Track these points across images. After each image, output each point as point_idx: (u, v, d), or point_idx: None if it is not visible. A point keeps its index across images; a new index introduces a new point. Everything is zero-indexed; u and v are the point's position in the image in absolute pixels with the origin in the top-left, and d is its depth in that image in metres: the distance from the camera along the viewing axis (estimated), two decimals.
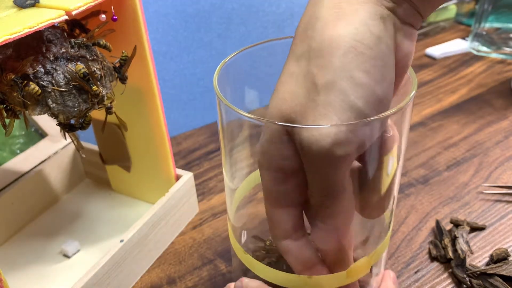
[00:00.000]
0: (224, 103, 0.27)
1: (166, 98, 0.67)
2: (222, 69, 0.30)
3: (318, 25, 0.25)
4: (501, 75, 0.73)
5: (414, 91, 0.27)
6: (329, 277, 0.29)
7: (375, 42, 0.24)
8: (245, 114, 0.26)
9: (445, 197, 0.51)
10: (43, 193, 0.52)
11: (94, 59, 0.36)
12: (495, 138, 0.59)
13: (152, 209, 0.44)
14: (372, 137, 0.25)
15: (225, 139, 0.30)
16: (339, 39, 0.24)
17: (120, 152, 0.49)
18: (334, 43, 0.24)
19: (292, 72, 0.26)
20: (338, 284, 0.30)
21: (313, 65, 0.25)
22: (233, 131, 0.29)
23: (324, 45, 0.24)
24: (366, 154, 0.27)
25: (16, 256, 0.46)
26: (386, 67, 0.25)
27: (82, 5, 0.34)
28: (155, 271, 0.45)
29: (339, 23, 0.24)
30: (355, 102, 0.24)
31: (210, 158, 0.60)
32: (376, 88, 0.24)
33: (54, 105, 0.34)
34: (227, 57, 0.31)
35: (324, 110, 0.24)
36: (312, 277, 0.29)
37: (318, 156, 0.24)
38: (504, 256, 0.42)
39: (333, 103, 0.24)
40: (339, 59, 0.24)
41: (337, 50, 0.24)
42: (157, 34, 0.66)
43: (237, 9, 0.71)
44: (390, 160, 0.28)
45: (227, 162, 0.32)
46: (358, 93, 0.24)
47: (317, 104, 0.24)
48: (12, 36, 0.30)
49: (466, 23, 0.89)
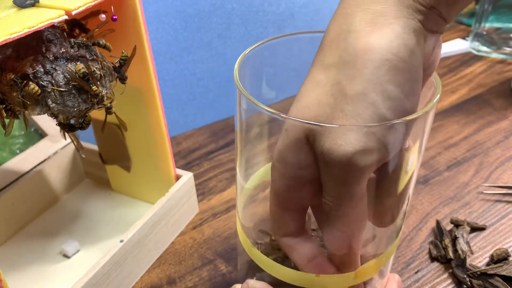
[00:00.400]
0: (246, 96, 0.27)
1: (166, 98, 0.67)
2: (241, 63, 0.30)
3: (352, 38, 0.25)
4: (501, 75, 0.73)
5: (439, 95, 0.27)
6: (337, 277, 0.29)
7: (409, 55, 0.24)
8: (267, 109, 0.26)
9: (445, 197, 0.51)
10: (43, 193, 0.52)
11: (94, 59, 0.36)
12: (495, 138, 0.59)
13: (152, 209, 0.44)
14: (395, 145, 0.25)
15: (242, 134, 0.30)
16: (373, 51, 0.24)
17: (120, 152, 0.49)
18: (368, 55, 0.24)
19: (318, 81, 0.26)
20: (345, 285, 0.30)
21: (343, 75, 0.24)
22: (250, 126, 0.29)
23: (357, 56, 0.24)
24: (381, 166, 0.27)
25: (16, 256, 0.46)
26: (416, 82, 0.25)
27: (82, 5, 0.34)
28: (155, 271, 0.45)
29: (373, 36, 0.24)
30: (385, 114, 0.24)
31: (210, 158, 0.60)
32: (405, 101, 0.24)
33: (54, 105, 0.34)
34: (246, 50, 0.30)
35: (352, 120, 0.24)
36: (319, 276, 0.29)
37: (339, 163, 0.24)
38: (505, 256, 0.42)
39: (363, 114, 0.24)
40: (371, 71, 0.24)
41: (371, 62, 0.24)
42: (157, 34, 0.66)
43: (237, 9, 0.71)
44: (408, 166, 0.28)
45: (242, 158, 0.31)
46: (388, 105, 0.24)
47: (345, 114, 0.24)
48: (12, 36, 0.30)
49: (466, 23, 0.89)
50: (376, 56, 0.24)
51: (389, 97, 0.24)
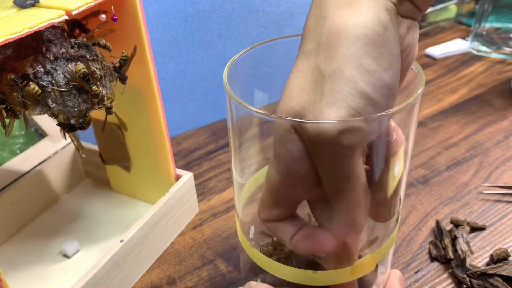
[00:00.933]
0: (234, 99, 0.28)
1: (166, 98, 0.67)
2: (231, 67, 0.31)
3: (327, 22, 0.25)
4: (501, 75, 0.73)
5: (422, 87, 0.27)
6: (334, 272, 0.29)
7: (382, 30, 0.24)
8: (254, 110, 0.26)
9: (445, 197, 0.51)
10: (43, 193, 0.52)
11: (94, 59, 0.36)
12: (495, 138, 0.59)
13: (152, 209, 0.44)
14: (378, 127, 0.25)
15: (234, 135, 0.30)
16: (347, 29, 0.24)
17: (120, 152, 0.49)
18: (343, 33, 0.24)
19: (300, 69, 0.26)
20: (342, 280, 0.30)
21: (322, 58, 0.25)
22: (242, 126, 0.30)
23: (332, 37, 0.25)
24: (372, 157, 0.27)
25: (16, 256, 0.46)
26: (392, 56, 0.25)
27: (82, 5, 0.34)
28: (155, 271, 0.45)
29: (347, 15, 0.25)
30: (364, 88, 0.24)
31: (210, 158, 0.60)
32: (384, 75, 0.24)
33: (54, 105, 0.34)
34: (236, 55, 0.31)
35: (332, 99, 0.24)
36: (317, 272, 0.29)
37: (326, 146, 0.24)
38: (504, 256, 0.42)
39: (341, 91, 0.24)
40: (347, 47, 0.24)
41: (346, 39, 0.24)
42: (157, 34, 0.66)
43: (237, 9, 0.71)
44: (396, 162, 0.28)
45: (237, 158, 0.32)
46: (367, 79, 0.24)
47: (325, 95, 0.24)
48: (12, 36, 0.30)
49: (466, 23, 0.89)
50: (350, 32, 0.24)
51: (366, 71, 0.24)
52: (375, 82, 0.24)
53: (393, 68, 0.25)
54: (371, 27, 0.24)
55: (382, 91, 0.24)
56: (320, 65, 0.25)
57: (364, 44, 0.24)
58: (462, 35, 0.85)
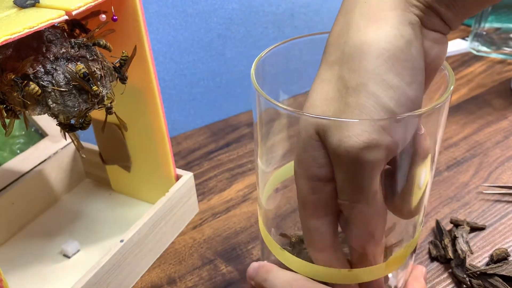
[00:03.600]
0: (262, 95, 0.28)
1: (166, 98, 0.67)
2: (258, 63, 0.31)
3: (351, 33, 0.25)
4: (501, 75, 0.73)
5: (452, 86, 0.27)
6: (369, 269, 0.30)
7: (405, 45, 0.24)
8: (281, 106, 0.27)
9: (445, 197, 0.51)
10: (43, 193, 0.52)
11: (94, 59, 0.36)
12: (495, 138, 0.59)
13: (152, 209, 0.44)
14: (404, 139, 0.25)
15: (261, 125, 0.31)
16: (370, 43, 0.24)
17: (120, 152, 0.49)
18: (366, 47, 0.24)
19: (324, 78, 0.26)
20: (377, 276, 0.30)
21: (345, 70, 0.25)
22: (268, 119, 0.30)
23: (356, 50, 0.25)
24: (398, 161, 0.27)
25: (16, 256, 0.46)
26: (416, 70, 0.25)
27: (82, 5, 0.34)
28: (155, 271, 0.45)
29: (370, 29, 0.25)
30: (387, 103, 0.24)
31: (210, 158, 0.60)
32: (407, 90, 0.24)
33: (54, 105, 0.34)
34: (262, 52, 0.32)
35: (357, 112, 0.24)
36: (352, 270, 0.30)
37: (347, 157, 0.24)
38: (504, 256, 0.42)
39: (365, 105, 0.24)
40: (370, 62, 0.24)
41: (369, 54, 0.24)
42: (157, 34, 0.66)
43: (237, 9, 0.71)
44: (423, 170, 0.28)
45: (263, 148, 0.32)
46: (390, 95, 0.24)
47: (349, 106, 0.24)
48: (12, 36, 0.30)
49: (466, 23, 0.89)
50: (373, 48, 0.24)
51: (389, 86, 0.24)
52: (398, 98, 0.24)
53: (417, 82, 0.25)
54: (393, 42, 0.24)
55: (405, 106, 0.24)
56: (344, 76, 0.25)
57: (386, 58, 0.24)
58: (462, 35, 0.85)
